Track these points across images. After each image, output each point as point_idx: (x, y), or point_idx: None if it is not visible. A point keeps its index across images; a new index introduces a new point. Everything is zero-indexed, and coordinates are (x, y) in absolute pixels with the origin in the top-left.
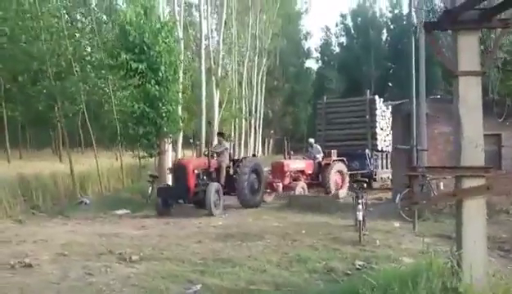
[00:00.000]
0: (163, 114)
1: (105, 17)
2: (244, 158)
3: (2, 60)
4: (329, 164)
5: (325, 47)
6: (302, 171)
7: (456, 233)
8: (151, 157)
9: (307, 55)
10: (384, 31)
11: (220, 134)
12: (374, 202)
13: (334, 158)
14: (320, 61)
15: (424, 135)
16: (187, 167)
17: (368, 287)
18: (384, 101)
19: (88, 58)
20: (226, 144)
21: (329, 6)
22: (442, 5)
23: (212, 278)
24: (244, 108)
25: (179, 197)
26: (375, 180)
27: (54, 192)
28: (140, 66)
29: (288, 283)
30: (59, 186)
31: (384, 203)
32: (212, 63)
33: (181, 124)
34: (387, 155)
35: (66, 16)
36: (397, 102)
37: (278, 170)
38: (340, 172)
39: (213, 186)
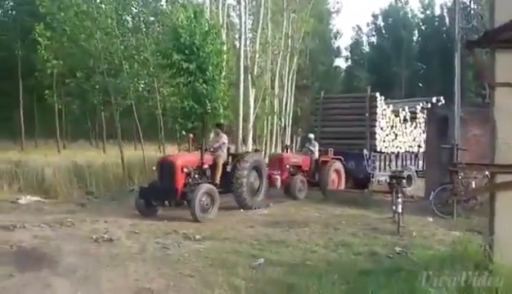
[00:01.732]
0: (209, 111)
1: (152, 18)
2: (246, 153)
3: (63, 56)
4: (327, 162)
5: (355, 46)
6: (299, 167)
7: (489, 221)
8: (197, 150)
9: (337, 53)
10: (415, 32)
11: (218, 125)
12: (406, 201)
13: (332, 156)
14: (349, 60)
15: (458, 136)
16: (174, 163)
17: (411, 265)
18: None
19: (136, 56)
20: (225, 138)
21: (360, 6)
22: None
23: (271, 254)
24: (276, 105)
25: (164, 198)
26: (371, 183)
27: (105, 180)
28: (190, 66)
29: (338, 262)
30: (109, 174)
31: (417, 201)
32: (248, 62)
33: (223, 121)
34: (385, 157)
35: (118, 17)
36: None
37: (276, 163)
38: (337, 172)
39: (203, 188)
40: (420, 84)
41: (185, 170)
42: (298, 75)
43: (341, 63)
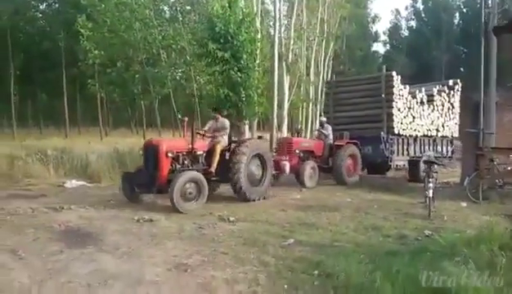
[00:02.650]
0: (244, 99)
1: (188, 7)
2: (248, 139)
3: (104, 47)
4: (341, 146)
5: (393, 31)
6: (311, 152)
7: None
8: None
9: (375, 38)
10: (457, 15)
11: (216, 109)
12: (442, 186)
13: (347, 140)
14: (388, 45)
15: (493, 121)
16: (158, 147)
17: (437, 246)
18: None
19: (174, 46)
20: (226, 123)
21: None
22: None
23: (301, 235)
24: (311, 92)
25: (147, 184)
26: (389, 168)
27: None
28: (225, 55)
29: (366, 243)
30: None
31: (452, 187)
32: (282, 49)
33: (257, 108)
34: (403, 141)
35: (155, 7)
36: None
37: (285, 148)
38: (352, 156)
39: (186, 174)
40: (462, 68)
41: (170, 155)
42: (335, 61)
43: (379, 48)
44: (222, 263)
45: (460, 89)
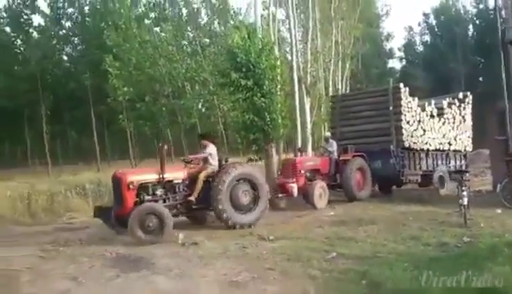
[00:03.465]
0: (269, 123)
1: (207, 40)
2: (234, 163)
3: (132, 83)
4: (348, 160)
5: (408, 47)
6: (317, 171)
7: None
8: (260, 160)
9: (390, 55)
10: (470, 27)
11: (204, 136)
12: (474, 195)
13: (353, 153)
14: (404, 60)
15: None
16: (121, 179)
17: (478, 250)
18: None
19: (197, 78)
20: (213, 149)
21: (410, 7)
22: None
23: (342, 249)
24: None
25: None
26: (401, 183)
27: None
28: (248, 82)
29: (407, 253)
30: None
31: (485, 194)
32: (301, 72)
33: (282, 130)
34: (414, 154)
35: (177, 43)
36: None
37: (290, 169)
38: (361, 170)
39: (143, 207)
40: (481, 78)
41: (131, 186)
42: (352, 80)
43: (395, 64)
44: (271, 278)
45: (470, 102)
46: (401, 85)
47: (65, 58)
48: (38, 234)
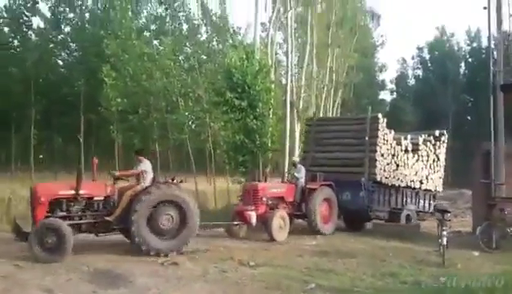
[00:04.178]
0: (259, 145)
1: (204, 57)
2: (157, 183)
3: (126, 95)
4: (314, 190)
5: (400, 79)
6: (281, 198)
7: None
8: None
9: (382, 87)
10: (462, 64)
11: (139, 151)
12: (454, 235)
13: (321, 182)
14: (394, 93)
15: (502, 171)
16: (34, 192)
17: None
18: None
19: (191, 94)
20: (147, 165)
21: (405, 39)
22: None
23: (321, 280)
24: None
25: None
26: (368, 218)
27: None
28: (242, 103)
29: (385, 289)
30: None
31: (464, 236)
32: (294, 97)
33: (271, 154)
34: (384, 190)
35: (175, 58)
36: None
37: (251, 195)
38: (328, 201)
39: (43, 223)
40: (469, 117)
41: (41, 200)
42: (343, 108)
43: (386, 96)
44: None
45: (446, 140)
46: (380, 115)
47: (61, 63)
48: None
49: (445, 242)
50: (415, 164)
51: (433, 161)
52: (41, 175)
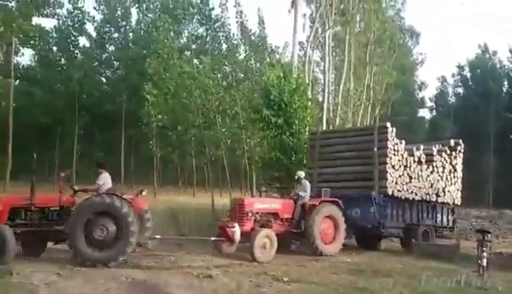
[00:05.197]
0: (295, 162)
1: (242, 75)
2: (95, 195)
3: (166, 111)
4: (314, 206)
5: (440, 97)
6: (275, 215)
7: None
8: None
9: (421, 104)
10: (505, 82)
11: (100, 164)
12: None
13: (325, 198)
14: (434, 111)
15: None
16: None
17: None
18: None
19: (228, 111)
20: (106, 178)
21: (445, 57)
22: None
23: None
24: None
25: None
26: (379, 236)
27: (197, 221)
28: (278, 120)
29: None
30: (200, 217)
31: (506, 257)
32: (330, 114)
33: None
34: (398, 204)
35: (214, 76)
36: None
37: (237, 210)
38: (332, 219)
39: None
40: None
41: (1, 209)
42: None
43: (425, 113)
44: None
45: (462, 150)
46: (388, 124)
47: (104, 80)
48: (57, 251)
49: (485, 264)
50: (430, 176)
51: (450, 172)
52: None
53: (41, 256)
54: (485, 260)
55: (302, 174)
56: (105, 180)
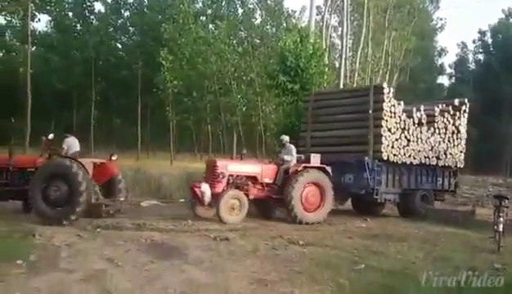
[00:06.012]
0: None
1: (258, 41)
2: (57, 158)
3: (182, 78)
4: (296, 172)
5: (460, 64)
6: (254, 178)
7: None
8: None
9: (440, 71)
10: None
11: (65, 129)
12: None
13: (312, 164)
14: (453, 78)
15: None
16: None
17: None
18: None
19: (244, 77)
20: (71, 143)
21: (466, 22)
22: None
23: (370, 262)
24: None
25: None
26: (375, 201)
27: None
28: (294, 86)
29: (436, 273)
30: None
31: None
32: (347, 80)
33: None
34: (394, 169)
35: (229, 42)
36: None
37: (210, 172)
38: (318, 186)
39: None
40: None
41: None
42: (398, 93)
43: (444, 80)
44: (299, 281)
45: (467, 110)
46: (385, 84)
47: (120, 46)
48: None
49: (501, 229)
50: (431, 138)
51: (453, 133)
52: (100, 154)
53: None
54: (501, 226)
55: (286, 138)
56: (70, 143)
